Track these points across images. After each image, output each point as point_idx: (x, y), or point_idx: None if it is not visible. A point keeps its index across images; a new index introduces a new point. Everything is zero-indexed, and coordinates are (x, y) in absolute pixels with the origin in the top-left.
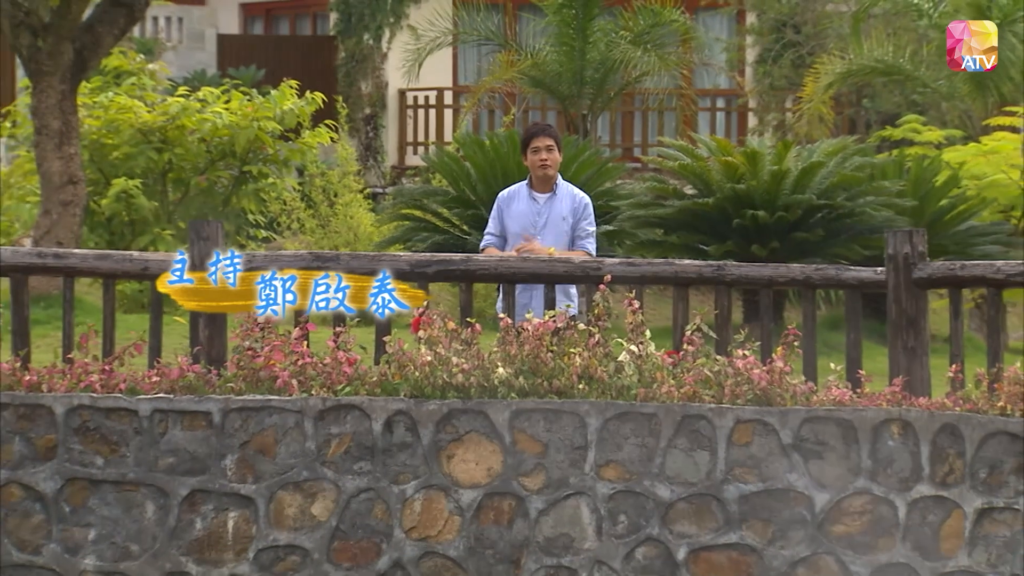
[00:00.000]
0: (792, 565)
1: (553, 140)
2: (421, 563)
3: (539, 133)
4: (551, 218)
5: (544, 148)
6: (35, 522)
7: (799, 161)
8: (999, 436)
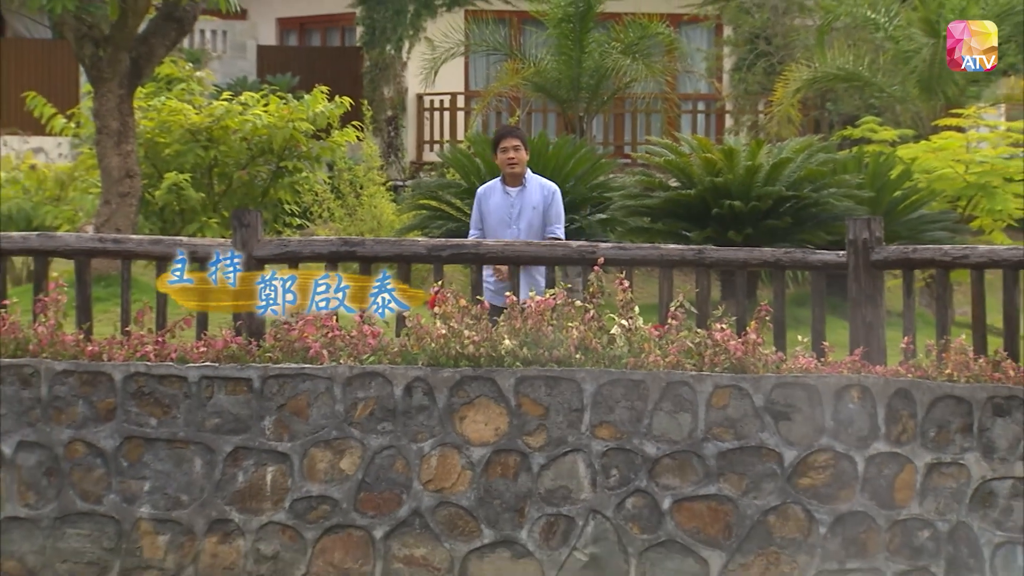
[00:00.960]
0: (764, 513)
1: (519, 140)
2: (437, 512)
3: (507, 135)
4: (523, 209)
5: (511, 148)
6: (96, 475)
7: (770, 157)
8: (946, 400)
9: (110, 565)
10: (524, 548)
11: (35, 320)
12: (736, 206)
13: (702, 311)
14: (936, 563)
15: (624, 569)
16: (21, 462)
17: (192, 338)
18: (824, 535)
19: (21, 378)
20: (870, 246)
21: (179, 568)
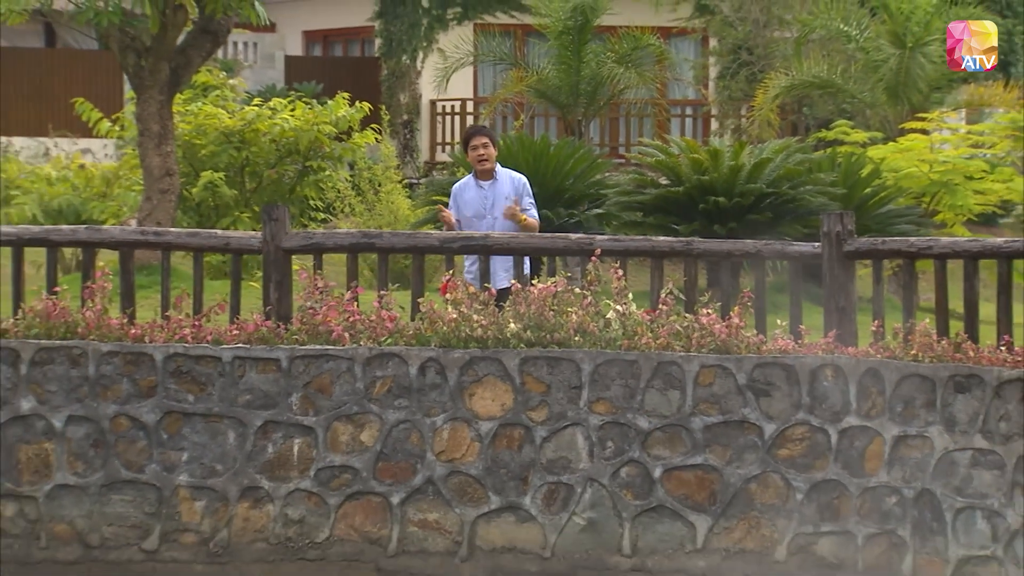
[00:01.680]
0: (746, 481)
1: (488, 138)
2: (448, 480)
3: (476, 134)
4: (496, 199)
5: (480, 145)
6: (139, 447)
7: (752, 157)
8: (912, 378)
9: (151, 528)
10: (528, 513)
11: (83, 305)
12: (721, 202)
13: (690, 297)
14: (902, 526)
15: (619, 532)
16: (70, 435)
17: (226, 322)
18: (800, 501)
19: (71, 358)
20: (843, 238)
21: (214, 531)
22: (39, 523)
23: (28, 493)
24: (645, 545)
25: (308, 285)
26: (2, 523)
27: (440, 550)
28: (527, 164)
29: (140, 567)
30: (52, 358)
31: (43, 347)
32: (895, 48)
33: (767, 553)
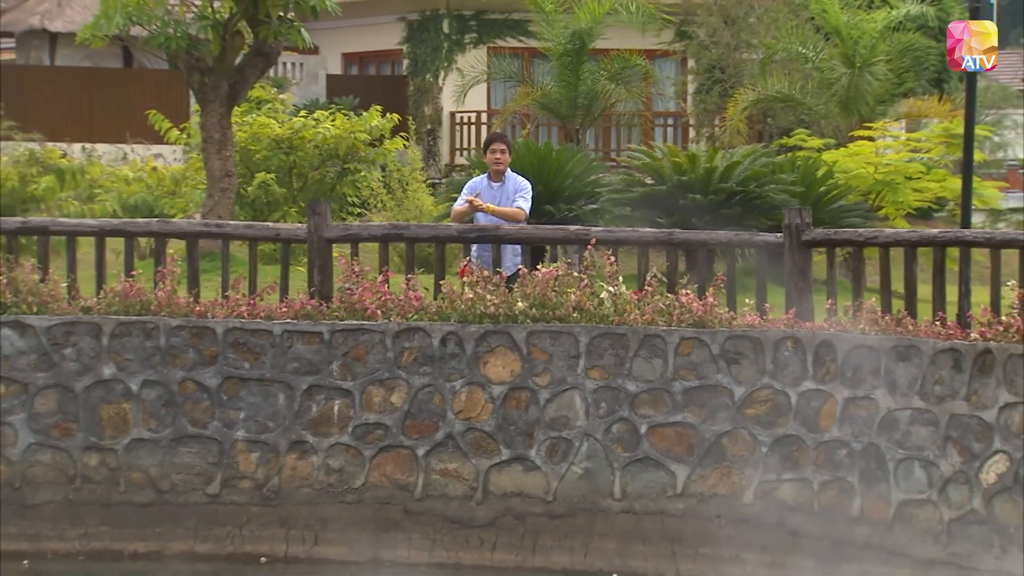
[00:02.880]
0: (718, 436)
1: (506, 145)
2: (465, 435)
3: (496, 140)
4: (503, 199)
5: (499, 151)
6: (203, 407)
7: (724, 161)
8: (860, 348)
9: (213, 476)
10: (533, 463)
11: (155, 287)
12: (697, 199)
13: (671, 280)
14: (852, 474)
15: (610, 480)
16: (145, 396)
17: (276, 301)
18: (765, 453)
19: (145, 331)
20: (801, 230)
21: (267, 479)
22: (118, 471)
23: (109, 446)
24: (633, 491)
25: (346, 269)
26: (87, 471)
27: (459, 495)
28: (532, 166)
29: (204, 509)
30: (129, 331)
31: (122, 322)
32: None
33: (736, 497)
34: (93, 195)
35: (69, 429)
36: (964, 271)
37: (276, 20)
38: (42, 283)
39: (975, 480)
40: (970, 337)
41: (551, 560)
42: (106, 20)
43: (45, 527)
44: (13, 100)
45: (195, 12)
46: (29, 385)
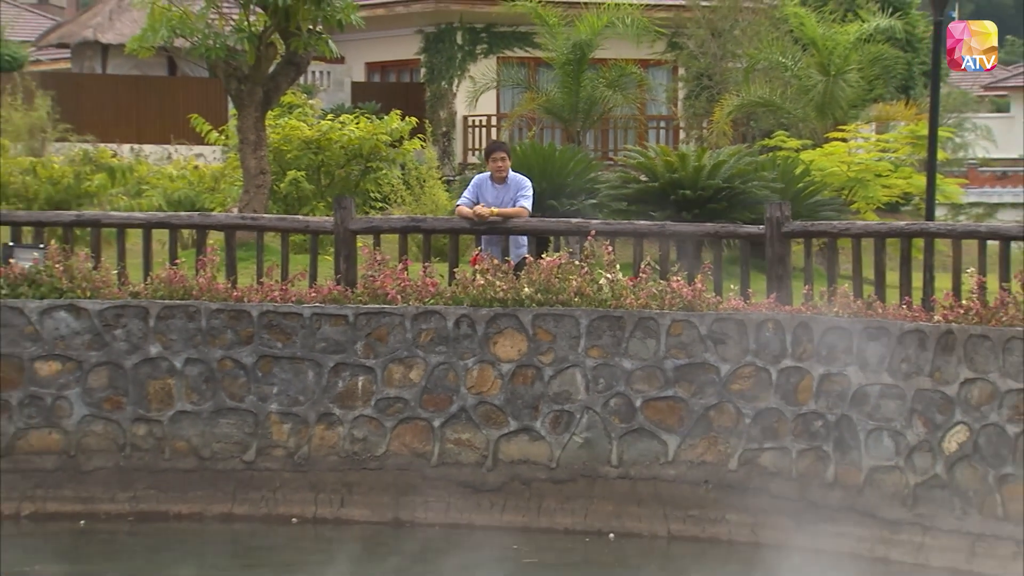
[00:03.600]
0: (706, 409)
1: (506, 153)
2: (477, 408)
3: (497, 150)
4: (505, 199)
5: (500, 159)
6: (240, 382)
7: (711, 160)
8: (834, 330)
9: (250, 445)
10: (538, 433)
11: (197, 274)
12: (687, 194)
13: (663, 268)
14: (827, 443)
15: (608, 448)
16: (187, 373)
17: (305, 286)
18: (748, 424)
19: (187, 314)
20: (781, 222)
21: (297, 447)
22: (164, 440)
23: (155, 417)
24: (629, 458)
25: (369, 258)
26: (135, 440)
27: (471, 462)
28: (538, 165)
29: (241, 474)
30: (173, 314)
31: (166, 305)
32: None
33: (722, 464)
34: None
35: (119, 402)
36: (928, 260)
37: (306, 32)
38: (95, 270)
39: (938, 449)
40: (934, 319)
41: (554, 521)
42: (153, 32)
43: (98, 491)
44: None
45: (233, 25)
46: (83, 363)
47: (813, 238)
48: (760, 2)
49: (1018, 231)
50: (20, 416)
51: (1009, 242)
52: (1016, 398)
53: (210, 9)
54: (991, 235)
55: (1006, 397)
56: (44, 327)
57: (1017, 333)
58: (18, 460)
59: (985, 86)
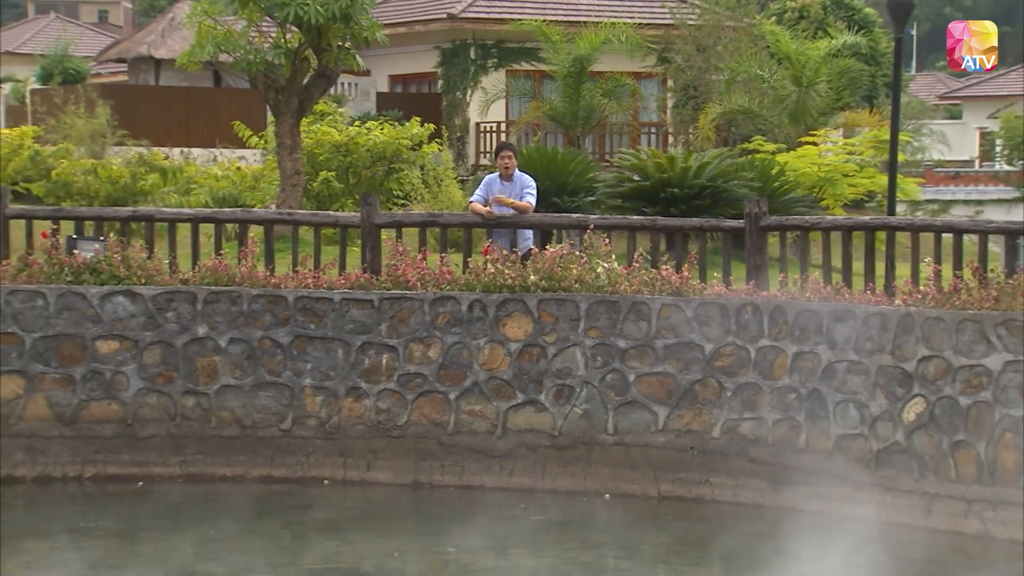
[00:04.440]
0: (692, 384)
1: (512, 152)
2: (488, 383)
3: (504, 149)
4: (512, 194)
5: (506, 158)
6: (277, 359)
7: (696, 161)
8: (806, 312)
9: (286, 415)
10: (543, 405)
11: (239, 263)
12: (675, 192)
13: (654, 258)
14: (799, 414)
15: (605, 418)
16: (231, 351)
17: (335, 274)
18: (729, 397)
19: (231, 299)
20: (759, 217)
21: (328, 417)
22: (210, 411)
23: (202, 390)
24: (623, 427)
25: (392, 249)
26: (185, 411)
27: (483, 431)
28: (542, 166)
29: (278, 441)
30: (218, 298)
31: (212, 291)
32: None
33: (706, 433)
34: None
35: (171, 377)
36: (890, 250)
37: (336, 48)
38: (149, 260)
39: (898, 418)
40: (894, 303)
41: (557, 483)
42: (200, 49)
43: (152, 455)
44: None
45: (271, 42)
46: (139, 342)
47: (787, 231)
48: (740, 21)
49: (969, 225)
50: (83, 389)
51: (961, 235)
52: (967, 373)
53: (251, 28)
54: (945, 229)
55: (959, 372)
56: (104, 310)
57: (969, 316)
58: (81, 428)
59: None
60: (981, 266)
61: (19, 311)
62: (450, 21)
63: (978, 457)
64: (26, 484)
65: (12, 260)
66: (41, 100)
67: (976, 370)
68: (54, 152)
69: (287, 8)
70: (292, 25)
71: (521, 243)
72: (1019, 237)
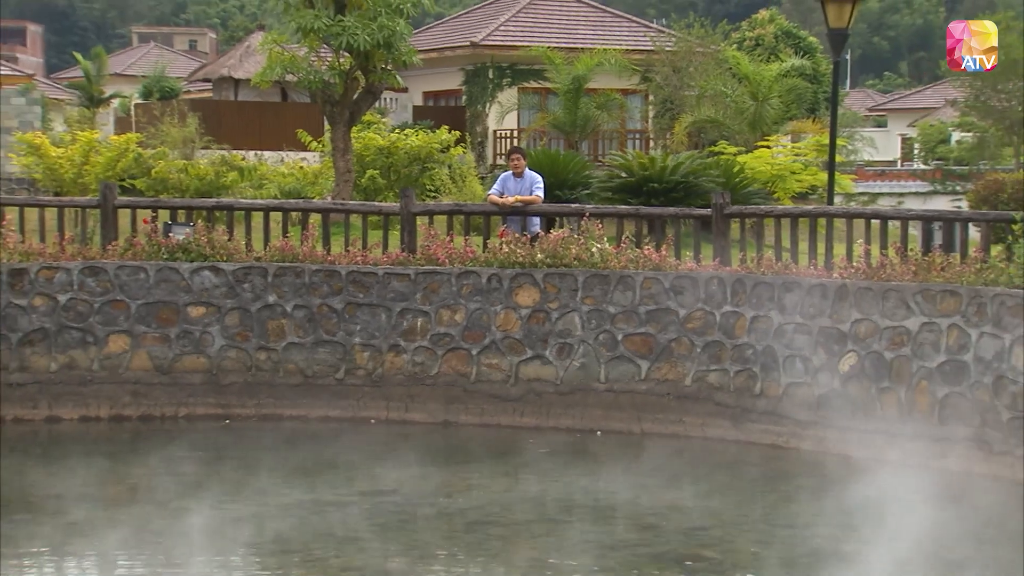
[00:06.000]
0: (669, 342)
1: (521, 155)
2: (503, 341)
3: (514, 152)
4: (523, 188)
5: (516, 159)
6: (332, 322)
7: (672, 161)
8: (761, 284)
9: (340, 367)
10: (547, 360)
11: (302, 244)
12: (655, 186)
13: (638, 240)
14: (755, 366)
15: (598, 370)
16: (295, 315)
17: (380, 253)
18: (699, 353)
19: (295, 273)
20: (723, 207)
21: (374, 368)
22: (279, 364)
23: (272, 347)
24: (612, 377)
25: (425, 233)
26: (258, 363)
27: (499, 380)
28: (547, 166)
29: (334, 388)
30: (285, 272)
31: (280, 266)
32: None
33: (680, 382)
34: (261, 184)
35: (247, 336)
36: (829, 233)
37: (380, 70)
38: (229, 241)
39: (835, 369)
40: (832, 276)
41: (559, 422)
42: (270, 70)
43: (232, 399)
44: (210, 123)
45: (327, 65)
46: (221, 307)
47: (746, 218)
48: (708, 48)
49: (893, 213)
50: (177, 345)
51: (886, 221)
52: (891, 333)
53: (311, 53)
54: (874, 216)
55: (884, 332)
56: (193, 282)
57: (892, 286)
58: (176, 377)
59: (869, 109)
60: (903, 246)
61: (126, 283)
62: (472, 48)
63: (899, 400)
64: (132, 421)
65: (120, 242)
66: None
67: (898, 330)
68: (153, 154)
69: (341, 38)
70: (344, 51)
71: (530, 228)
72: (933, 223)
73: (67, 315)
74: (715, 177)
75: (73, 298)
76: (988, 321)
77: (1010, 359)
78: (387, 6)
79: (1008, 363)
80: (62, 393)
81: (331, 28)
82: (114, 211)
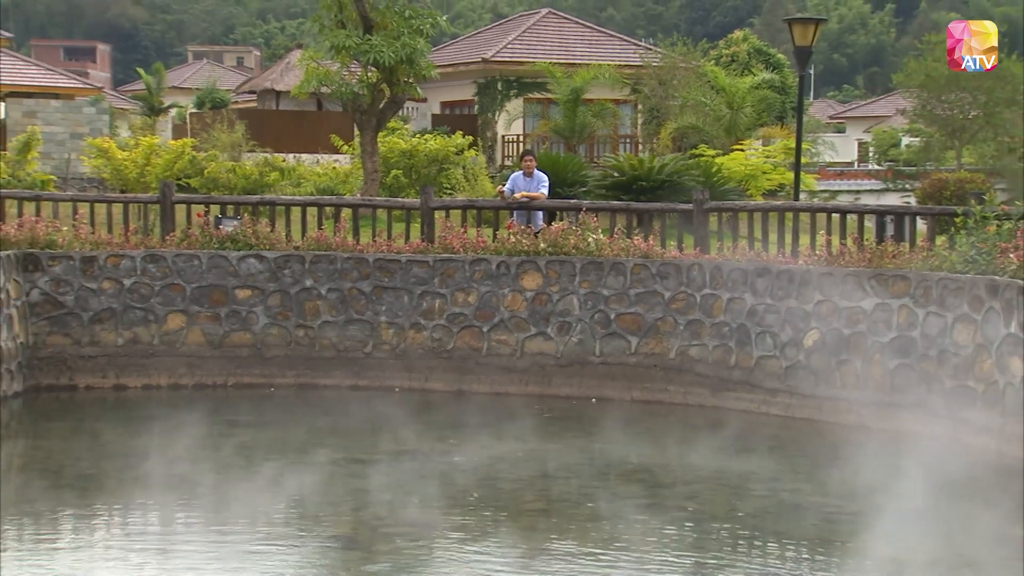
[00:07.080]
0: (655, 320)
1: (533, 156)
2: (511, 320)
3: (527, 153)
4: (531, 186)
5: (528, 159)
6: (361, 303)
7: (659, 163)
8: (736, 270)
9: (368, 342)
10: (549, 336)
11: (335, 235)
12: (643, 185)
13: (629, 231)
14: (731, 342)
15: (594, 345)
16: (328, 296)
17: (402, 243)
18: (682, 330)
19: (329, 260)
20: (703, 203)
21: (398, 344)
22: (315, 339)
23: (309, 324)
24: (607, 352)
25: (442, 225)
26: (297, 339)
27: (506, 353)
28: (549, 167)
29: (363, 361)
30: (320, 260)
31: (315, 254)
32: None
33: (665, 355)
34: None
35: (287, 315)
36: (795, 226)
37: (403, 83)
38: (271, 232)
39: (800, 344)
40: (798, 263)
41: (560, 391)
42: (307, 83)
43: (274, 370)
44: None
45: (357, 78)
46: (264, 290)
47: (723, 212)
48: (690, 63)
49: (851, 208)
50: (226, 323)
51: (845, 215)
52: (849, 312)
53: (343, 68)
54: (834, 210)
55: (843, 311)
56: (240, 268)
57: (850, 272)
58: (226, 350)
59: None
60: (859, 237)
61: (182, 268)
62: (484, 64)
63: (856, 371)
64: (188, 389)
65: (177, 233)
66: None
67: (855, 310)
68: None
69: (368, 55)
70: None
71: (534, 221)
72: (885, 216)
73: (131, 297)
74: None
75: (136, 282)
76: (933, 302)
77: (952, 335)
78: (409, 27)
79: (950, 339)
80: (127, 364)
81: (360, 46)
82: (172, 206)
